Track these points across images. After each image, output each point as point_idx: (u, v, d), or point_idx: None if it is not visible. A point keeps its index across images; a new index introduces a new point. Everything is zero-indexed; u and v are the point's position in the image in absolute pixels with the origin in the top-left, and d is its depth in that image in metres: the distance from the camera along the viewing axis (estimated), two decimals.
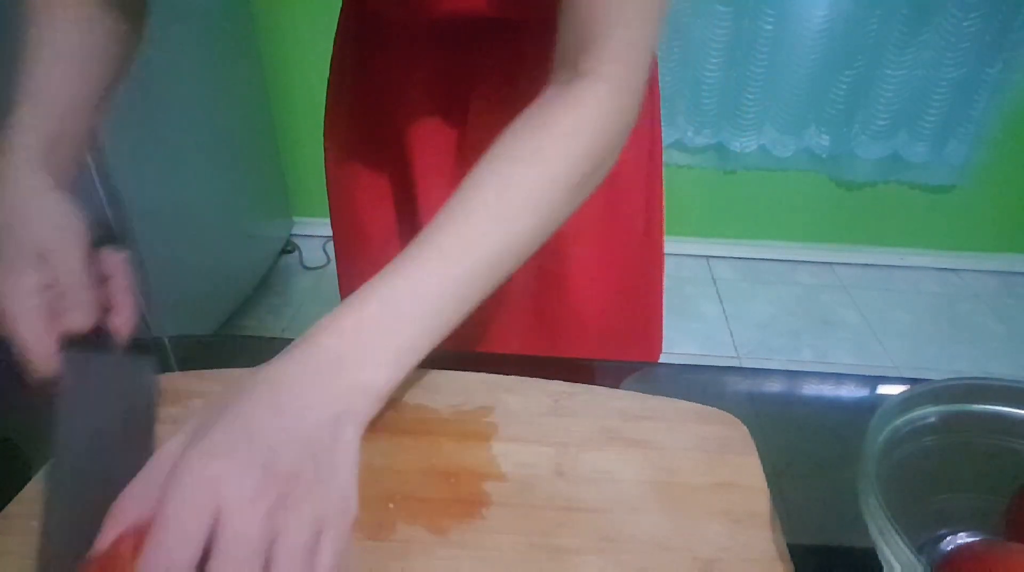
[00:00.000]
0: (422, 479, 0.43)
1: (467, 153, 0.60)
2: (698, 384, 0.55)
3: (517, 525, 0.40)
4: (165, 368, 0.57)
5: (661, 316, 0.76)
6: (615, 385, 0.52)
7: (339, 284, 0.75)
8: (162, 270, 1.50)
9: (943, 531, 0.40)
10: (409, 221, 0.65)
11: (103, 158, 1.31)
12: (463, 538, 0.39)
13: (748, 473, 0.44)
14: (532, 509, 0.41)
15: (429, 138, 0.61)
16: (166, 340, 0.61)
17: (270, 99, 1.98)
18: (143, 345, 0.43)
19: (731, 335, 1.95)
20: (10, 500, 0.41)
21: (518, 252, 0.41)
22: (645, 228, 0.68)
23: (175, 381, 0.50)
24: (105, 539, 0.29)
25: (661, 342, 0.76)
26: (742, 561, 0.38)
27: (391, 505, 0.41)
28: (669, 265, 0.77)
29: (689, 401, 0.49)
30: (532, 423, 0.47)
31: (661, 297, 0.75)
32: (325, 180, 0.71)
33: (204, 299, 1.72)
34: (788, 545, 0.39)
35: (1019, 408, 0.39)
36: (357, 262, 0.71)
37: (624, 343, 0.70)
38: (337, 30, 0.65)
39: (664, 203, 0.71)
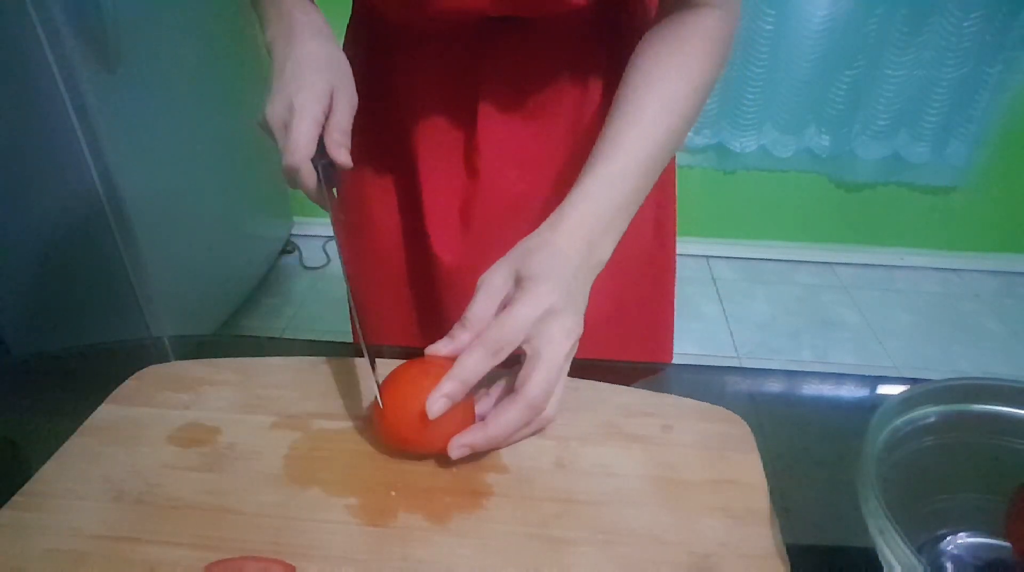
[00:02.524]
0: (425, 468, 0.44)
1: (474, 152, 0.60)
2: (698, 384, 0.55)
3: (517, 516, 0.41)
4: None
5: (672, 319, 0.75)
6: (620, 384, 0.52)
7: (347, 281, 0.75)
8: (162, 270, 1.50)
9: (943, 531, 0.40)
10: (413, 221, 0.65)
11: (103, 157, 1.31)
12: (463, 527, 0.40)
13: (748, 470, 0.44)
14: (532, 500, 0.42)
15: (435, 140, 0.61)
16: (166, 340, 0.61)
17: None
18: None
19: (731, 335, 1.95)
20: (10, 499, 0.41)
21: (672, 145, 0.52)
22: (655, 228, 0.68)
23: (188, 369, 0.52)
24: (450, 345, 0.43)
25: (672, 345, 0.76)
26: (738, 557, 0.38)
27: (393, 493, 0.42)
28: None
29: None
30: None
31: (672, 301, 0.74)
32: None
33: (204, 299, 1.72)
34: (788, 545, 0.39)
35: (1019, 408, 0.39)
36: (363, 260, 0.71)
37: (633, 347, 0.70)
38: (346, 33, 0.65)
39: (676, 205, 0.70)
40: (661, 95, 0.50)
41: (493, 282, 0.45)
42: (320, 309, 1.99)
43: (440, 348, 0.44)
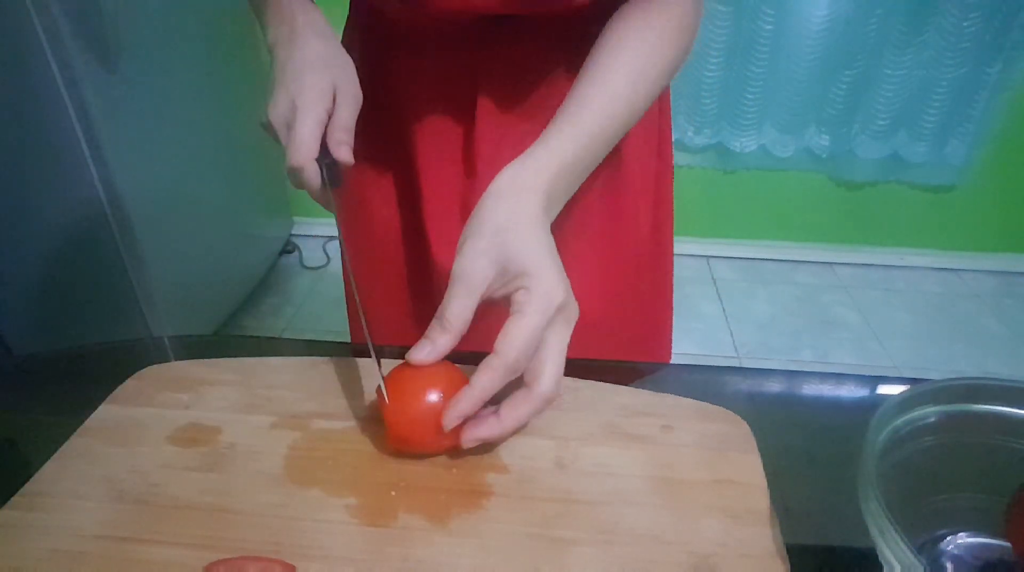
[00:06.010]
0: (425, 468, 0.44)
1: (472, 151, 0.60)
2: (698, 384, 0.55)
3: (517, 516, 0.41)
4: None
5: (670, 317, 0.75)
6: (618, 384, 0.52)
7: (345, 279, 0.75)
8: (162, 270, 1.50)
9: (943, 531, 0.40)
10: (413, 218, 0.65)
11: (103, 157, 1.31)
12: (463, 527, 0.40)
13: (748, 470, 0.44)
14: (532, 500, 0.42)
15: (434, 137, 0.61)
16: (166, 340, 0.61)
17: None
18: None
19: (731, 335, 1.95)
20: (10, 499, 0.41)
21: (628, 120, 0.51)
22: (652, 227, 0.68)
23: (188, 369, 0.52)
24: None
25: (670, 345, 0.76)
26: (738, 557, 0.38)
27: (393, 493, 0.42)
28: None
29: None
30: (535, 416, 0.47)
31: (670, 298, 0.74)
32: None
33: (204, 299, 1.72)
34: (788, 545, 0.39)
35: (1019, 408, 0.39)
36: (364, 258, 0.71)
37: (630, 345, 0.70)
38: (344, 29, 0.66)
39: (673, 202, 0.70)
40: (628, 70, 0.50)
41: (472, 276, 0.42)
42: (320, 309, 1.99)
43: (420, 355, 0.42)
